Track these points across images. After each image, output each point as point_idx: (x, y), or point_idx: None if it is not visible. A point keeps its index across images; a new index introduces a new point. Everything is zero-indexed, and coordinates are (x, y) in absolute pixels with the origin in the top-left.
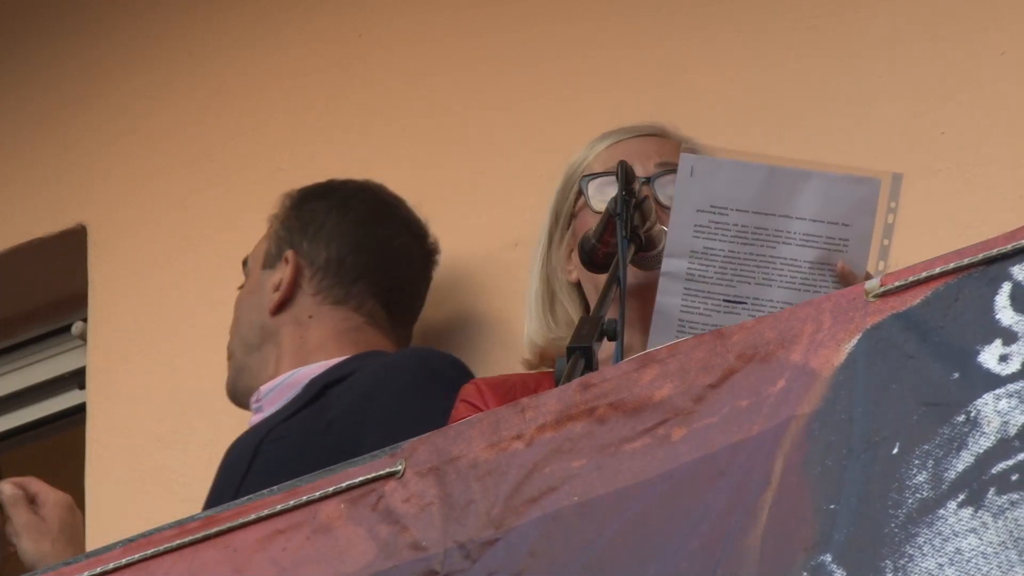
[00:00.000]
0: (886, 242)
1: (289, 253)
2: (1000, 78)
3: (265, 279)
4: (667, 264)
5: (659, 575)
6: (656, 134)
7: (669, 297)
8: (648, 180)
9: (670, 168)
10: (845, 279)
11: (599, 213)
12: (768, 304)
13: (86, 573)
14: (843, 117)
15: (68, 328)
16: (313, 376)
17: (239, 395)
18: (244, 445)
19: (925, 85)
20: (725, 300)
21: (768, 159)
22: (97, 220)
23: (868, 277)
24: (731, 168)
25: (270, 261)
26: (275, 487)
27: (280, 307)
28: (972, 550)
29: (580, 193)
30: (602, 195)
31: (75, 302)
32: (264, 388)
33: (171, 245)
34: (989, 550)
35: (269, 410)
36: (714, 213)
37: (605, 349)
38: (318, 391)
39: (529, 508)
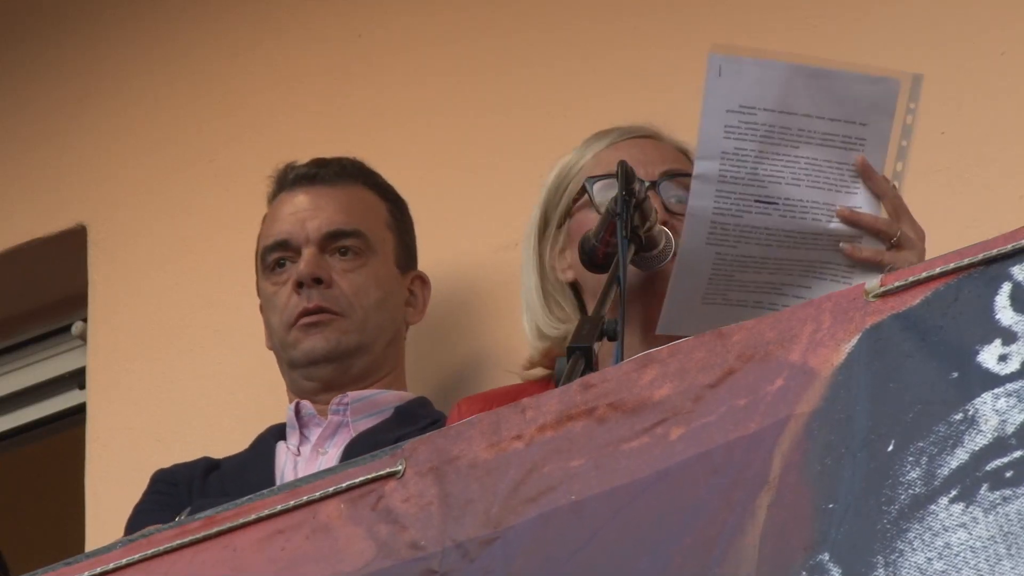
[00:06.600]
0: (904, 143)
1: (424, 276)
2: (1000, 78)
3: (398, 281)
4: (699, 166)
5: (651, 568)
6: (651, 136)
7: (702, 200)
8: (653, 184)
9: (673, 172)
10: (866, 174)
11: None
12: (799, 204)
13: (86, 573)
14: None
15: (68, 328)
16: (401, 404)
17: (340, 358)
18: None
19: (925, 85)
20: (757, 200)
21: (791, 57)
22: (97, 220)
23: (885, 180)
24: (755, 67)
25: (401, 264)
26: (275, 487)
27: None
28: (961, 544)
29: (582, 192)
30: (607, 197)
31: (75, 302)
32: (353, 395)
33: (171, 245)
34: (978, 544)
35: (353, 419)
36: (743, 113)
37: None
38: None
39: (527, 507)
